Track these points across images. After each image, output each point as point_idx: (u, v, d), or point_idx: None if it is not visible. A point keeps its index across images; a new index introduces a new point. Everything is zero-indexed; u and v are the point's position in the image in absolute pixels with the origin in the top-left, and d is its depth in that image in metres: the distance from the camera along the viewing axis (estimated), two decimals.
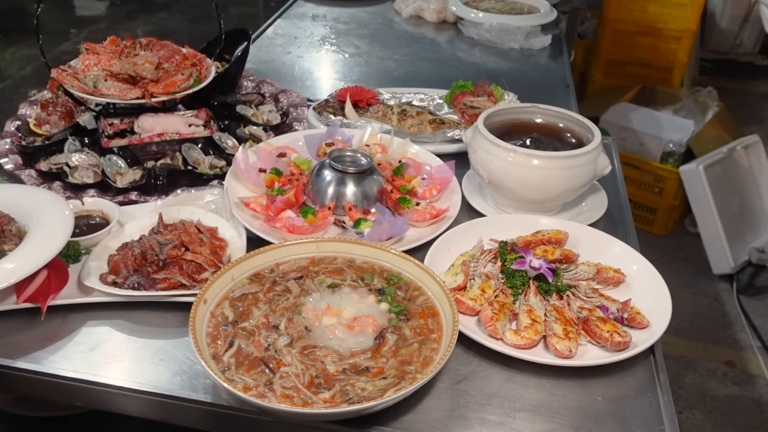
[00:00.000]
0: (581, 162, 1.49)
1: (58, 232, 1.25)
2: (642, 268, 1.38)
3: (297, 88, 2.13)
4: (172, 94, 1.70)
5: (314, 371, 1.07)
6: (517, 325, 1.22)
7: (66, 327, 1.22)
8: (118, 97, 1.64)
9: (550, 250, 1.40)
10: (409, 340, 1.15)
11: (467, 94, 2.01)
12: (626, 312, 1.24)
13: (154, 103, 1.68)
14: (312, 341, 1.13)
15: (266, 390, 1.04)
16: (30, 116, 1.83)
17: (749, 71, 5.74)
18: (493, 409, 1.10)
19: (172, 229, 1.40)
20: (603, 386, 1.15)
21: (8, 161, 1.66)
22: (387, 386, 1.05)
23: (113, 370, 1.13)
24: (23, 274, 1.17)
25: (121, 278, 1.28)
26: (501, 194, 1.57)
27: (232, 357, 1.09)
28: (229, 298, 1.22)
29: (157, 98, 1.68)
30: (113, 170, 1.63)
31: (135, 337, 1.21)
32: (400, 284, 1.27)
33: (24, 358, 1.14)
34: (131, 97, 1.65)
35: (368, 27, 2.92)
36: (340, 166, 1.51)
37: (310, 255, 1.33)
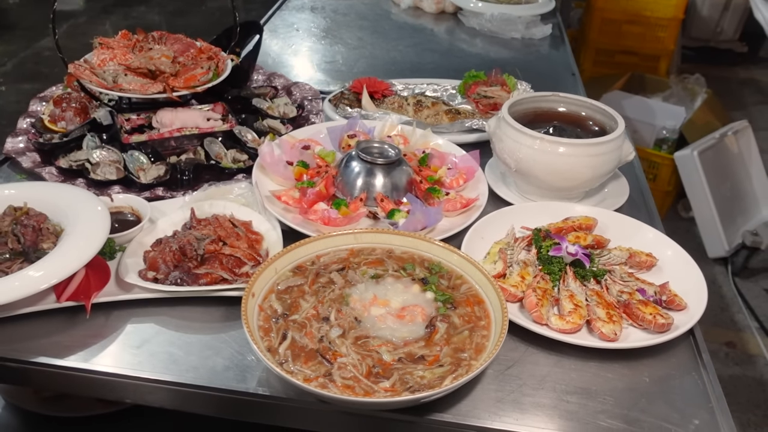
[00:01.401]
0: (607, 149, 1.51)
1: (96, 230, 1.24)
2: (672, 251, 1.40)
3: (305, 80, 2.12)
4: (193, 88, 1.69)
5: (371, 361, 1.08)
6: (560, 310, 1.24)
7: (110, 325, 1.20)
8: (139, 91, 1.63)
9: (582, 237, 1.42)
10: (459, 327, 1.16)
11: (480, 84, 2.02)
12: (665, 294, 1.27)
13: (176, 98, 1.66)
14: (364, 332, 1.14)
15: (326, 381, 1.04)
16: (43, 113, 1.80)
17: (729, 58, 5.85)
18: (545, 393, 1.11)
19: (206, 224, 1.39)
20: (648, 367, 1.18)
21: (26, 159, 1.64)
22: (445, 374, 1.07)
23: (163, 366, 1.12)
24: (66, 273, 1.15)
25: (162, 274, 1.27)
26: (527, 182, 1.58)
27: (287, 349, 1.09)
28: (275, 291, 1.22)
29: (178, 92, 1.66)
30: (136, 166, 1.61)
31: (180, 332, 1.20)
32: (442, 273, 1.28)
33: (72, 357, 1.13)
34: (153, 92, 1.63)
35: (368, 18, 2.91)
36: (369, 157, 1.51)
37: (348, 246, 1.33)
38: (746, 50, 5.86)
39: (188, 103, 1.79)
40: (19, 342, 1.15)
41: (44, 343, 1.15)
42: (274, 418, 1.10)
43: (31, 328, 1.18)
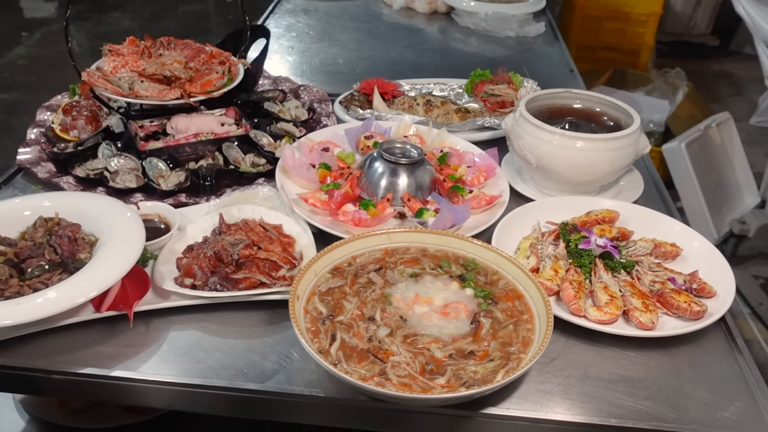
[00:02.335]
0: (625, 143, 1.54)
1: (133, 239, 1.23)
2: (697, 241, 1.44)
3: (308, 83, 2.12)
4: (209, 93, 1.68)
5: (423, 359, 1.09)
6: (595, 302, 1.27)
7: (152, 333, 1.20)
8: (156, 98, 1.61)
9: (606, 229, 1.45)
10: (503, 322, 1.18)
11: (487, 83, 2.05)
12: (695, 283, 1.30)
13: (194, 103, 1.65)
14: (411, 330, 1.15)
15: (382, 379, 1.05)
16: (52, 122, 1.78)
17: (702, 52, 6.00)
18: (591, 382, 1.14)
19: (237, 228, 1.39)
20: (686, 354, 1.21)
21: (41, 169, 1.61)
22: (496, 368, 1.08)
23: (212, 372, 1.12)
24: (109, 283, 1.14)
25: (200, 281, 1.26)
26: (547, 177, 1.61)
27: (338, 350, 1.10)
28: (317, 293, 1.22)
29: (195, 98, 1.65)
30: (155, 173, 1.60)
31: (223, 338, 1.20)
32: (478, 269, 1.30)
33: (119, 367, 1.12)
34: (170, 98, 1.62)
35: (361, 20, 2.92)
36: (392, 157, 1.53)
37: (382, 246, 1.34)
38: (718, 43, 6.01)
39: (197, 109, 1.78)
40: (62, 354, 1.13)
41: (88, 353, 1.14)
42: (329, 419, 1.11)
43: (71, 340, 1.17)
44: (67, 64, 1.68)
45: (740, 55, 6.24)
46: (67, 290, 1.11)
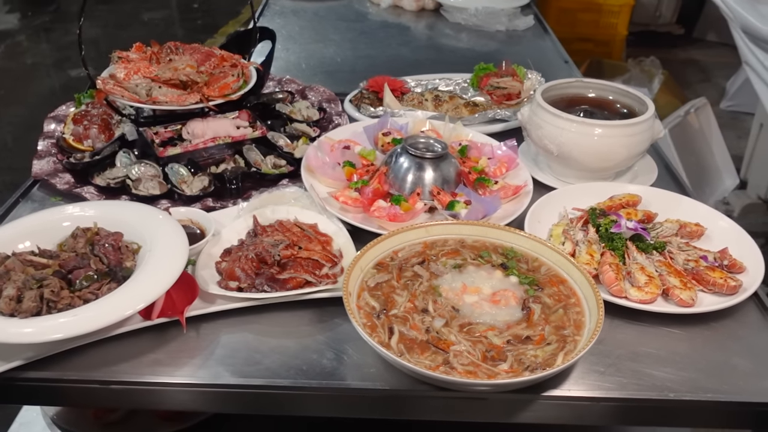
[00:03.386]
0: (642, 129, 1.59)
1: (178, 245, 1.22)
2: (719, 219, 1.49)
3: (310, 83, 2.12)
4: (226, 96, 1.67)
5: (482, 346, 1.11)
6: (634, 283, 1.30)
7: (204, 338, 1.19)
8: (176, 103, 1.60)
9: (632, 212, 1.49)
10: (552, 307, 1.20)
11: (492, 76, 2.08)
12: (726, 259, 1.35)
13: (213, 107, 1.64)
14: (466, 319, 1.17)
15: (447, 368, 1.07)
16: (63, 132, 1.74)
17: (668, 41, 6.15)
18: (642, 360, 1.17)
19: (273, 230, 1.39)
20: (725, 328, 1.25)
21: (59, 180, 1.58)
22: (555, 351, 1.11)
23: (272, 372, 1.11)
24: (160, 291, 1.13)
25: (245, 283, 1.26)
26: (566, 165, 1.64)
27: (399, 343, 1.11)
28: (366, 288, 1.23)
29: (214, 101, 1.64)
30: (177, 179, 1.58)
31: (276, 339, 1.20)
32: (518, 257, 1.32)
33: (179, 373, 1.11)
34: (190, 102, 1.61)
35: (350, 19, 2.93)
36: (418, 152, 1.54)
37: (421, 240, 1.35)
38: (683, 32, 6.18)
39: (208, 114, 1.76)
40: (116, 364, 1.12)
41: (142, 362, 1.13)
42: (393, 412, 1.12)
43: (121, 350, 1.15)
44: (36, 76, 1.66)
45: (704, 42, 6.43)
46: (123, 299, 1.10)
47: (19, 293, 1.08)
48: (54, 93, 5.32)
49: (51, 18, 6.70)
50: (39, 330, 1.02)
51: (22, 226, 1.27)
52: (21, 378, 1.08)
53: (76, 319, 1.04)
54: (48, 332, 1.02)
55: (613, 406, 1.10)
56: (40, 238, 1.26)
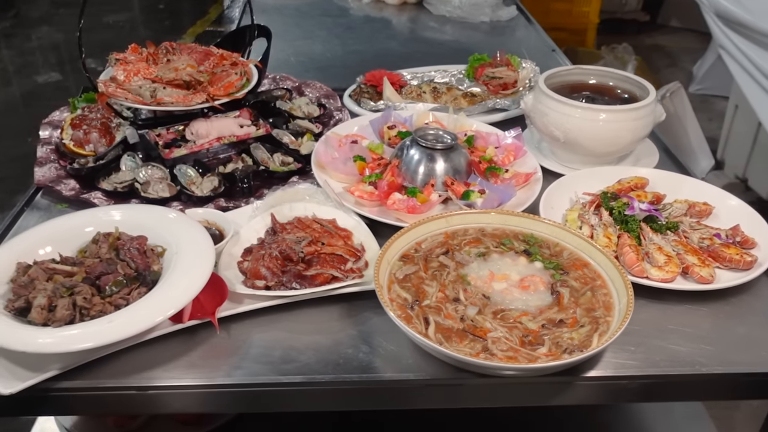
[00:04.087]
0: (645, 113, 1.62)
1: (204, 246, 1.21)
2: (725, 197, 1.53)
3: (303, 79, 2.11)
4: (231, 95, 1.65)
5: (518, 332, 1.13)
6: (653, 263, 1.33)
7: (236, 338, 1.18)
8: (182, 103, 1.58)
9: (642, 194, 1.52)
10: (580, 290, 1.22)
11: (487, 66, 2.09)
12: (738, 236, 1.39)
13: (219, 106, 1.62)
14: (497, 306, 1.18)
15: (488, 355, 1.08)
16: (61, 138, 1.70)
17: (634, 28, 6.26)
18: (670, 337, 1.20)
19: (292, 227, 1.38)
20: (744, 303, 1.29)
21: (64, 187, 1.55)
22: (589, 332, 1.13)
23: (310, 369, 1.11)
24: (192, 294, 1.12)
25: (273, 281, 1.25)
26: (572, 151, 1.67)
27: (436, 333, 1.12)
28: (396, 280, 1.23)
29: (219, 100, 1.63)
30: (186, 180, 1.56)
31: (309, 335, 1.19)
32: (539, 243, 1.34)
33: (218, 375, 1.10)
34: (196, 102, 1.59)
35: (333, 15, 2.92)
36: (429, 143, 1.55)
37: (442, 230, 1.36)
38: (648, 18, 6.30)
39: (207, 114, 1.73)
40: (150, 369, 1.10)
41: (177, 365, 1.11)
42: (434, 401, 1.12)
43: (152, 354, 1.13)
44: None
45: (668, 28, 6.56)
46: (157, 302, 1.08)
47: (51, 302, 1.06)
48: (17, 100, 5.19)
49: (11, 23, 6.52)
50: (77, 338, 1.00)
51: (43, 233, 1.24)
52: (56, 388, 1.06)
53: (113, 326, 1.03)
54: (87, 339, 1.00)
55: (648, 383, 1.12)
56: (60, 245, 1.23)
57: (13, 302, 1.09)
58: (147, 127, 1.69)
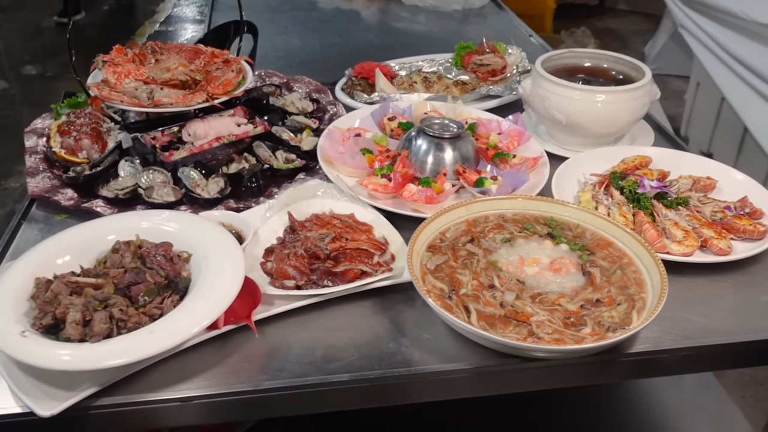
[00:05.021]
0: (643, 92, 1.65)
1: (233, 250, 1.17)
2: (727, 171, 1.57)
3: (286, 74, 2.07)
4: (230, 93, 1.61)
5: (560, 314, 1.13)
6: (672, 238, 1.35)
7: (272, 341, 1.15)
8: (182, 103, 1.53)
9: (648, 172, 1.55)
10: (609, 269, 1.24)
11: (474, 54, 2.10)
12: (747, 207, 1.43)
13: (220, 105, 1.58)
14: (535, 289, 1.19)
15: (535, 339, 1.08)
16: (52, 146, 1.63)
17: (584, 12, 6.39)
18: (699, 309, 1.22)
19: (311, 224, 1.36)
20: (761, 271, 1.33)
21: (63, 197, 1.48)
22: (628, 310, 1.14)
23: (354, 366, 1.09)
24: (230, 299, 1.08)
25: (302, 280, 1.23)
26: (572, 134, 1.69)
27: (480, 321, 1.12)
28: (428, 271, 1.22)
29: (219, 99, 1.58)
30: (191, 183, 1.51)
31: (347, 333, 1.17)
32: (561, 225, 1.35)
33: (262, 379, 1.07)
34: (196, 102, 1.54)
35: (304, 9, 2.89)
36: (437, 133, 1.54)
37: (463, 218, 1.36)
38: (597, 2, 6.43)
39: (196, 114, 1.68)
40: (190, 379, 1.06)
41: (217, 373, 1.08)
42: (482, 389, 1.12)
43: (187, 364, 1.09)
44: None
45: (616, 11, 6.73)
46: (196, 309, 1.04)
47: (85, 316, 1.01)
48: None
49: None
50: (122, 352, 0.95)
51: (57, 246, 1.18)
52: (95, 406, 1.01)
53: (156, 337, 0.99)
54: (132, 353, 0.95)
55: (685, 355, 1.15)
56: (77, 257, 1.17)
57: (40, 319, 1.03)
58: (139, 130, 1.63)
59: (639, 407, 1.75)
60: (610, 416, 1.74)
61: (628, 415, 1.74)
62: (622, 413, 1.75)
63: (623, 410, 1.76)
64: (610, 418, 1.74)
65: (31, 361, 0.93)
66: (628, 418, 1.74)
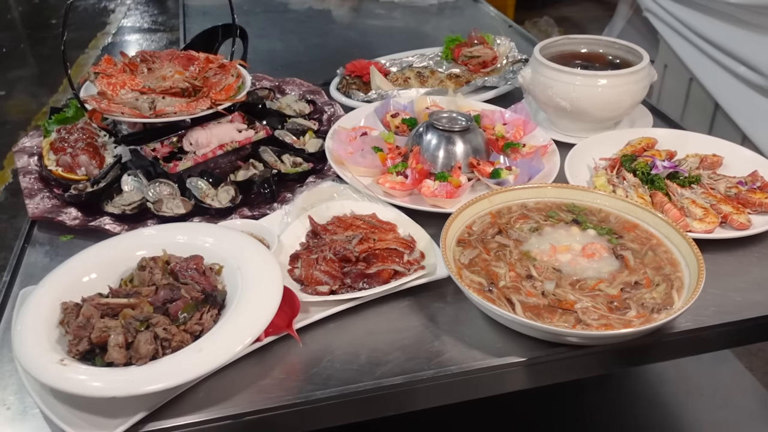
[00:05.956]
0: (642, 75, 1.66)
1: (268, 259, 1.14)
2: (729, 147, 1.60)
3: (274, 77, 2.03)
4: (232, 98, 1.56)
5: (602, 299, 1.13)
6: (692, 216, 1.37)
7: (313, 349, 1.11)
8: (186, 112, 1.48)
9: (657, 153, 1.57)
10: (640, 251, 1.24)
11: (463, 46, 2.09)
12: (758, 181, 1.45)
13: (224, 111, 1.53)
14: (572, 276, 1.18)
15: (583, 326, 1.07)
16: (47, 165, 1.55)
17: (541, 1, 6.47)
18: (725, 285, 1.23)
19: (334, 227, 1.33)
20: None
21: (67, 217, 1.42)
22: (667, 290, 1.15)
23: (402, 369, 1.07)
24: (274, 309, 1.05)
25: (336, 285, 1.20)
26: (574, 120, 1.69)
27: (525, 311, 1.11)
28: (463, 266, 1.21)
29: (222, 105, 1.53)
30: (200, 193, 1.47)
31: (389, 334, 1.14)
32: (584, 211, 1.35)
33: (313, 388, 1.03)
34: (200, 109, 1.49)
35: (278, 11, 2.84)
36: (447, 127, 1.53)
37: (486, 210, 1.35)
38: None
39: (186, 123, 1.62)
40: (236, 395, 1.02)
41: (264, 386, 1.04)
42: (533, 380, 1.11)
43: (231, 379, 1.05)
44: None
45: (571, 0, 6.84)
46: (241, 323, 1.01)
47: (127, 339, 0.96)
48: None
49: None
50: (176, 373, 0.91)
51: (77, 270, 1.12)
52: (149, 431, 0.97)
53: (205, 354, 0.95)
54: (186, 373, 0.91)
55: (726, 331, 1.16)
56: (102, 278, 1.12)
57: (76, 345, 0.98)
58: (136, 142, 1.57)
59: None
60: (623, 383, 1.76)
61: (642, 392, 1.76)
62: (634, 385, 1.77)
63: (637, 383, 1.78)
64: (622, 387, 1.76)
65: (81, 391, 0.88)
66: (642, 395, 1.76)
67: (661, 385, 1.66)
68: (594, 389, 1.67)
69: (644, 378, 1.70)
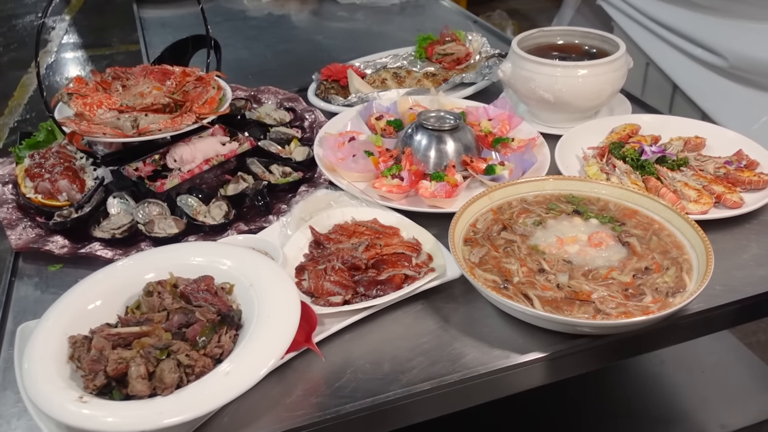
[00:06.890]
0: (621, 63, 1.69)
1: (280, 275, 1.11)
2: (711, 128, 1.64)
3: None
4: (216, 110, 1.52)
5: (617, 287, 1.14)
6: (687, 198, 1.39)
7: (333, 362, 1.09)
8: (171, 128, 1.43)
9: (642, 139, 1.59)
10: (644, 237, 1.26)
11: (435, 44, 2.09)
12: (743, 160, 1.49)
13: (208, 125, 1.49)
14: (584, 267, 1.19)
15: (603, 317, 1.08)
16: (24, 192, 1.48)
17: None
18: (727, 263, 1.25)
19: (337, 235, 1.31)
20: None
21: (54, 246, 1.35)
22: (678, 273, 1.16)
23: (426, 374, 1.05)
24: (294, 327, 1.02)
25: (348, 294, 1.17)
26: (557, 111, 1.70)
27: (545, 306, 1.11)
28: (474, 265, 1.20)
29: (207, 118, 1.49)
30: (191, 211, 1.42)
31: (408, 341, 1.12)
32: (583, 201, 1.36)
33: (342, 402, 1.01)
34: (186, 125, 1.45)
35: (238, 18, 2.79)
36: (436, 126, 1.52)
37: (487, 207, 1.35)
38: None
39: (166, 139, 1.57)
40: (262, 416, 0.99)
41: (288, 405, 1.01)
42: (554, 374, 1.11)
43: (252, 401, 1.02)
44: None
45: None
46: (263, 343, 0.97)
47: (148, 369, 0.92)
48: None
49: None
50: (207, 401, 0.88)
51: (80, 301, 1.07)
52: None
53: (232, 378, 0.91)
54: (217, 399, 0.88)
55: (736, 308, 1.18)
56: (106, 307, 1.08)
57: (92, 381, 0.94)
58: (115, 163, 1.52)
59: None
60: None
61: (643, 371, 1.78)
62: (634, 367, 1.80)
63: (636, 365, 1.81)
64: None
65: (111, 429, 0.83)
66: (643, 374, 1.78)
67: (661, 366, 1.69)
68: (597, 375, 1.69)
69: (644, 360, 1.73)
